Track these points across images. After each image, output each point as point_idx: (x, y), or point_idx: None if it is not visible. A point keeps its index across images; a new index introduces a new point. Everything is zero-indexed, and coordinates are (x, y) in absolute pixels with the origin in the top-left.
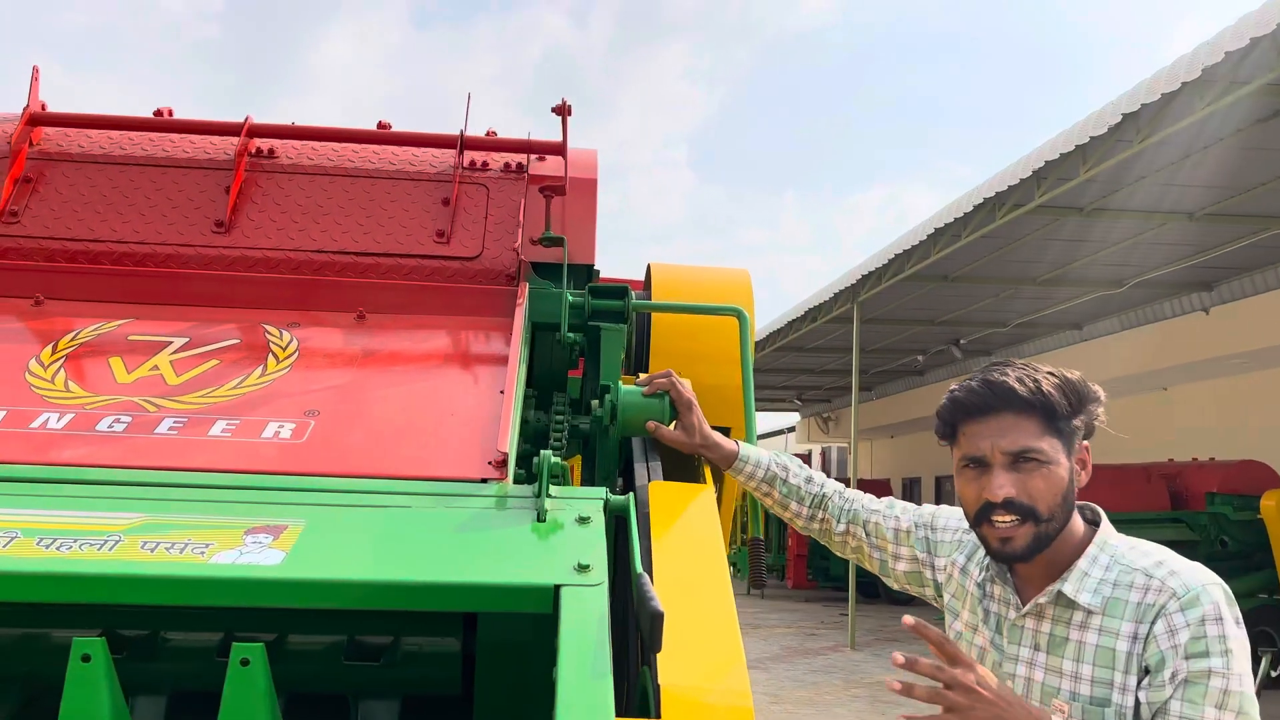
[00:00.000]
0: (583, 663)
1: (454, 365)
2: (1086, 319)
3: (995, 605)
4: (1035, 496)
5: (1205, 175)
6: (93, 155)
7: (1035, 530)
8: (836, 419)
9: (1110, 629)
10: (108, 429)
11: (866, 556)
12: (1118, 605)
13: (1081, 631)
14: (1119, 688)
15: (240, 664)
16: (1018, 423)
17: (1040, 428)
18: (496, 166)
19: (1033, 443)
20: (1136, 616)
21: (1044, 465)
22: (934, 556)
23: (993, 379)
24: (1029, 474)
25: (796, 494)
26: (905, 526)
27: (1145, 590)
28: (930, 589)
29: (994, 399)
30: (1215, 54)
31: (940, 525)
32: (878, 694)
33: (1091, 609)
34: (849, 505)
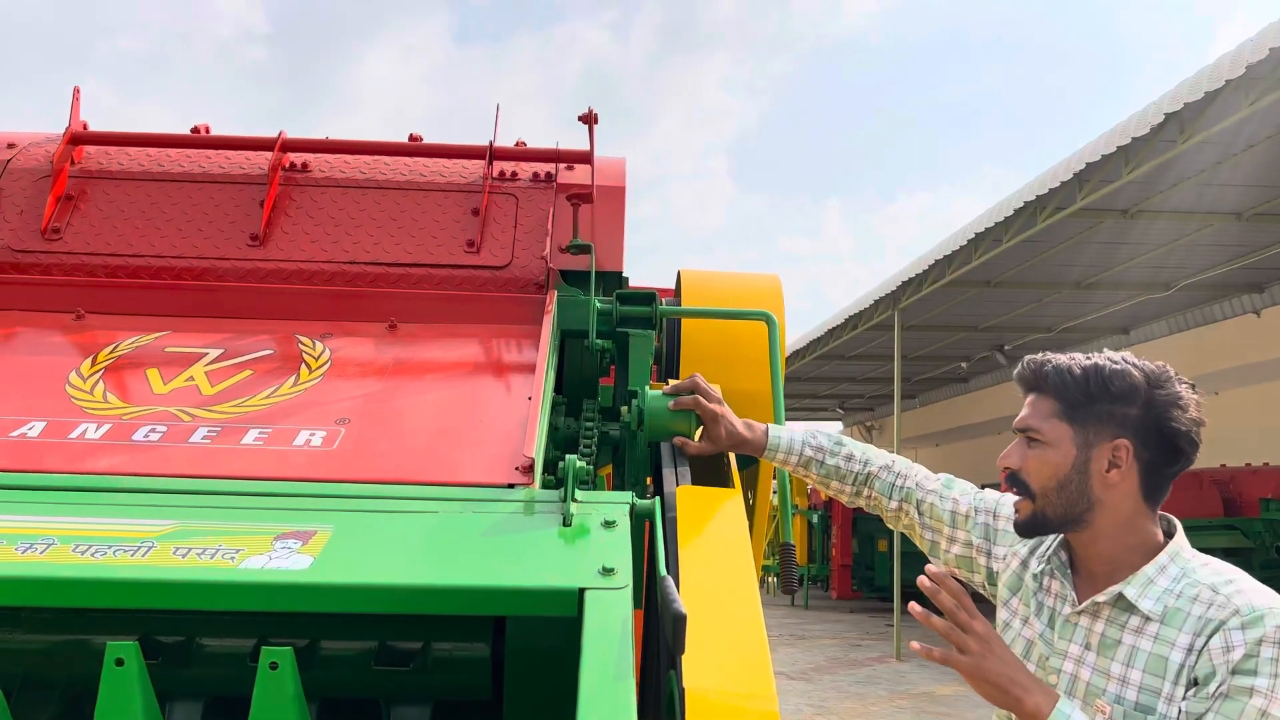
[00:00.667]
0: (605, 665)
1: (483, 373)
2: (1134, 322)
3: (1050, 600)
4: (1029, 473)
5: (1252, 174)
6: (132, 172)
7: (1033, 508)
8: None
9: (1166, 638)
10: (143, 438)
11: (918, 535)
12: (1177, 616)
13: (1136, 636)
14: (1166, 698)
15: (269, 668)
16: (1037, 402)
17: (1053, 411)
18: (525, 176)
19: (1034, 422)
20: (1195, 629)
21: (1039, 445)
22: (992, 544)
23: (1035, 359)
24: (1031, 451)
25: (837, 474)
26: (964, 510)
27: (1209, 605)
28: (980, 575)
29: (1023, 378)
30: (1259, 51)
31: (1005, 514)
32: (923, 705)
33: (1151, 616)
34: (901, 482)
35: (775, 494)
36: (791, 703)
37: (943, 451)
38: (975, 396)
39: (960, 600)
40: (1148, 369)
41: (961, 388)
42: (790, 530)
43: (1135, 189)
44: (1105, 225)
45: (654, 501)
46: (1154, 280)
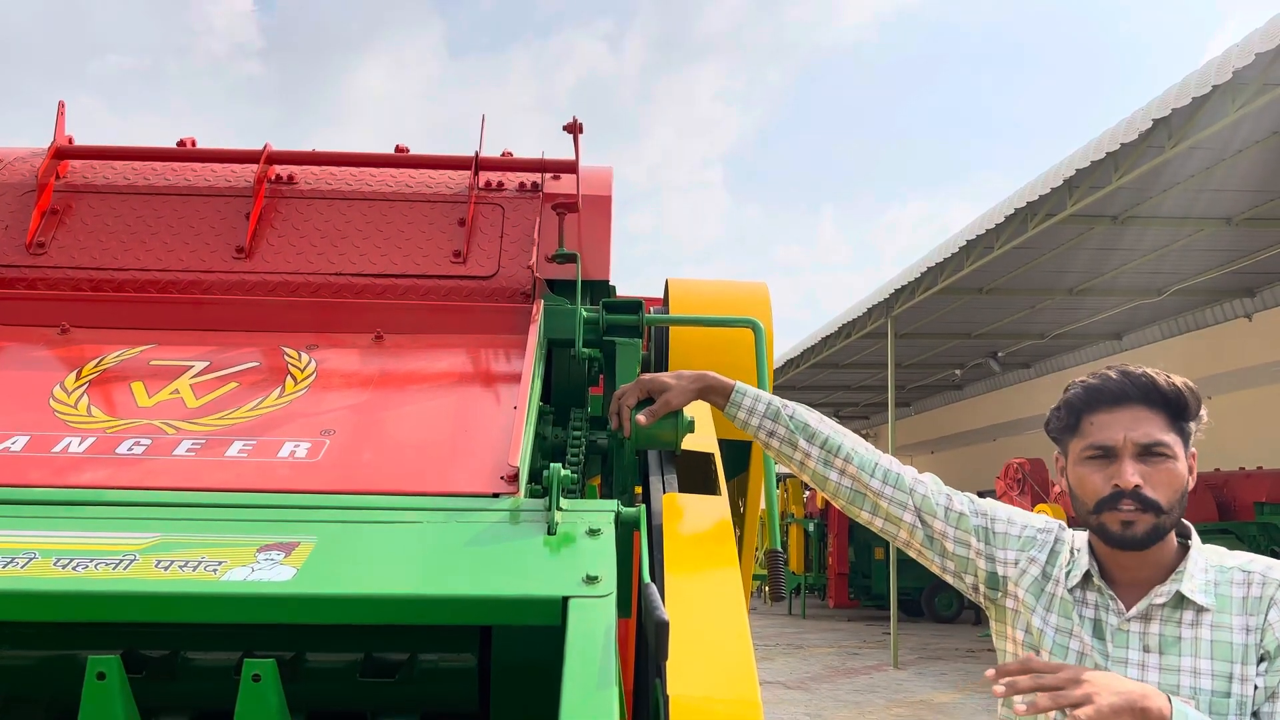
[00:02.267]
0: (588, 673)
1: (469, 383)
2: (1127, 328)
3: (1091, 611)
4: (1159, 489)
5: (1241, 179)
6: (117, 186)
7: (1155, 521)
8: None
9: (1223, 624)
10: (127, 451)
11: (904, 526)
12: (1225, 601)
13: (1194, 629)
14: (1238, 679)
15: (252, 680)
16: (1149, 416)
17: (1166, 423)
18: (511, 186)
19: (1162, 436)
20: (1246, 610)
21: (1169, 460)
22: (993, 548)
23: (1131, 372)
24: (1155, 466)
25: (805, 431)
26: (958, 508)
27: (1247, 585)
28: (973, 578)
29: (1133, 389)
30: (1245, 56)
31: (1002, 518)
32: (921, 713)
33: (1206, 606)
34: (891, 467)
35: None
36: (788, 712)
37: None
38: (969, 403)
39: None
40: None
41: (955, 395)
42: (778, 537)
43: (1126, 195)
44: (1096, 231)
45: (640, 509)
46: (1146, 286)
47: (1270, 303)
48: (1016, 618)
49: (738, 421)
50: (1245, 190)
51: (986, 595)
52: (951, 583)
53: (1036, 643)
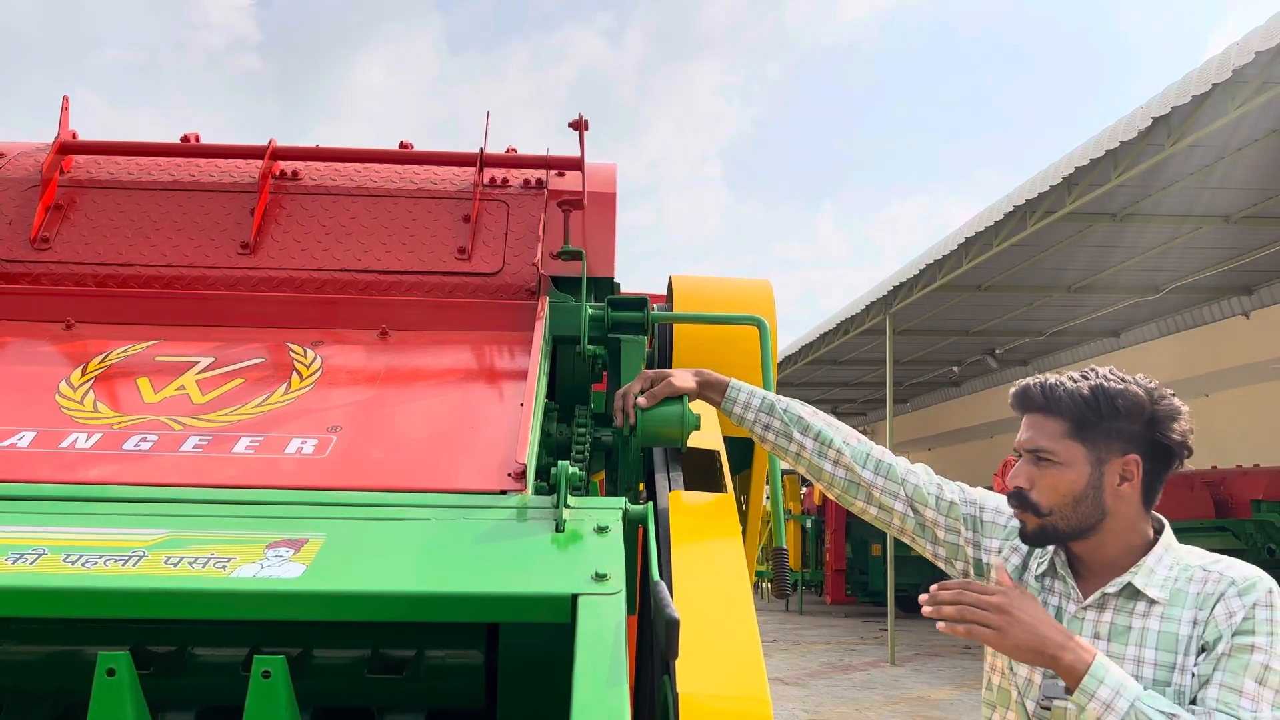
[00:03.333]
0: (598, 670)
1: (475, 380)
2: (1124, 325)
3: (1054, 599)
4: (1041, 492)
5: (1240, 177)
6: (121, 181)
7: (1040, 522)
8: (873, 432)
9: (1173, 616)
10: (134, 448)
11: (897, 514)
12: (1180, 596)
13: (1145, 619)
14: (1179, 669)
15: (261, 676)
16: (1044, 423)
17: (1063, 431)
18: (516, 183)
19: (1047, 443)
20: (1197, 604)
21: (1055, 466)
22: (981, 536)
23: (1031, 383)
24: (1043, 471)
25: (800, 424)
26: (949, 498)
27: (1204, 582)
28: (964, 564)
29: (1022, 400)
30: (1245, 54)
31: (991, 507)
32: (918, 709)
33: (1158, 600)
34: (883, 458)
35: (768, 499)
36: (786, 708)
37: (935, 455)
38: (967, 400)
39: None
40: (1145, 385)
41: (953, 392)
42: (783, 535)
43: (1124, 193)
44: (1095, 229)
45: (647, 507)
46: (1144, 283)
47: (1268, 300)
48: None
49: (733, 417)
50: (1244, 188)
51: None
52: (944, 569)
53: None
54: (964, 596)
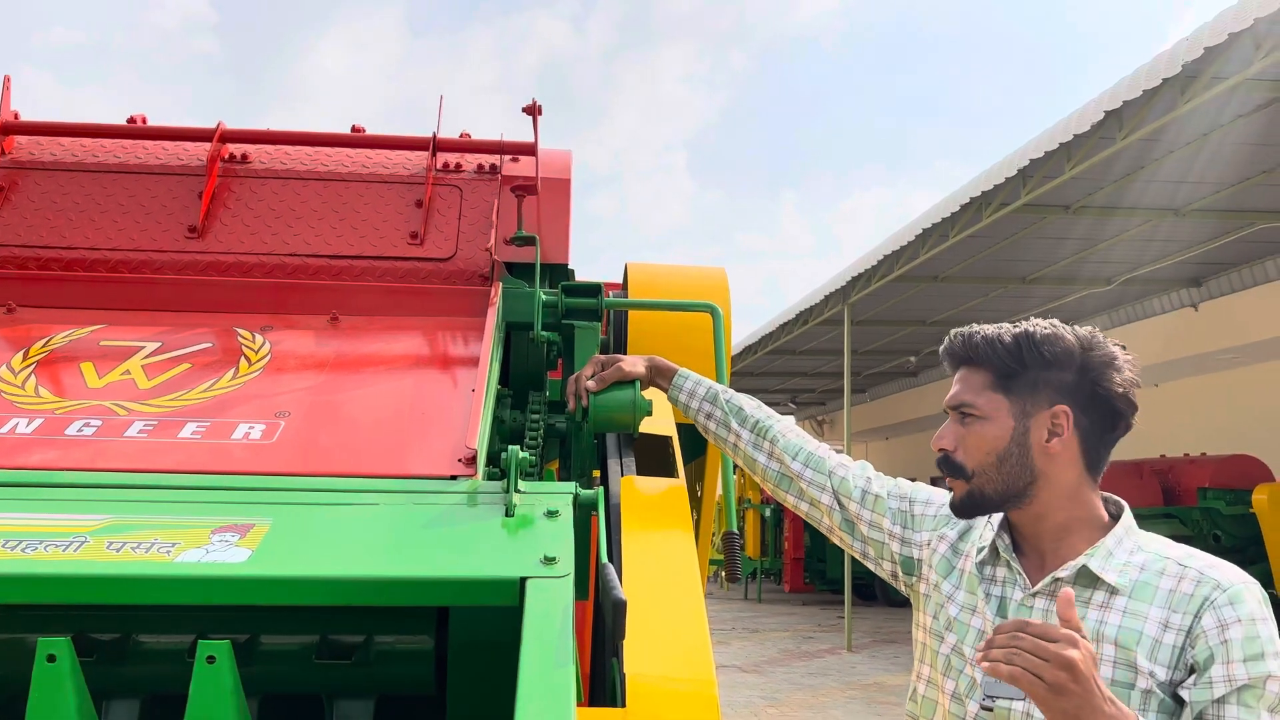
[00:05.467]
0: (545, 653)
1: (426, 366)
2: (1077, 317)
3: (998, 587)
4: (965, 451)
5: (1190, 171)
6: (65, 163)
7: (968, 487)
8: (831, 421)
9: (1137, 611)
10: (77, 433)
11: (823, 508)
12: (1145, 589)
13: (1102, 611)
14: (1144, 673)
15: (206, 661)
16: (968, 376)
17: (986, 383)
18: (469, 168)
19: (968, 397)
20: (1169, 605)
21: (976, 420)
22: (910, 531)
23: (951, 335)
24: (966, 429)
25: (739, 415)
26: (875, 491)
27: (1179, 579)
28: (892, 565)
29: (947, 354)
30: (1195, 49)
31: (921, 499)
32: (873, 694)
33: (1118, 589)
34: (816, 451)
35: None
36: (744, 695)
37: (892, 445)
38: (924, 390)
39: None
40: (1078, 332)
41: (910, 382)
42: (734, 519)
43: (1077, 185)
44: (1049, 221)
45: (598, 491)
46: (1096, 275)
47: (1215, 293)
48: (927, 601)
49: (678, 404)
50: (1193, 182)
51: (904, 581)
52: (873, 569)
53: (941, 628)
54: (1020, 640)
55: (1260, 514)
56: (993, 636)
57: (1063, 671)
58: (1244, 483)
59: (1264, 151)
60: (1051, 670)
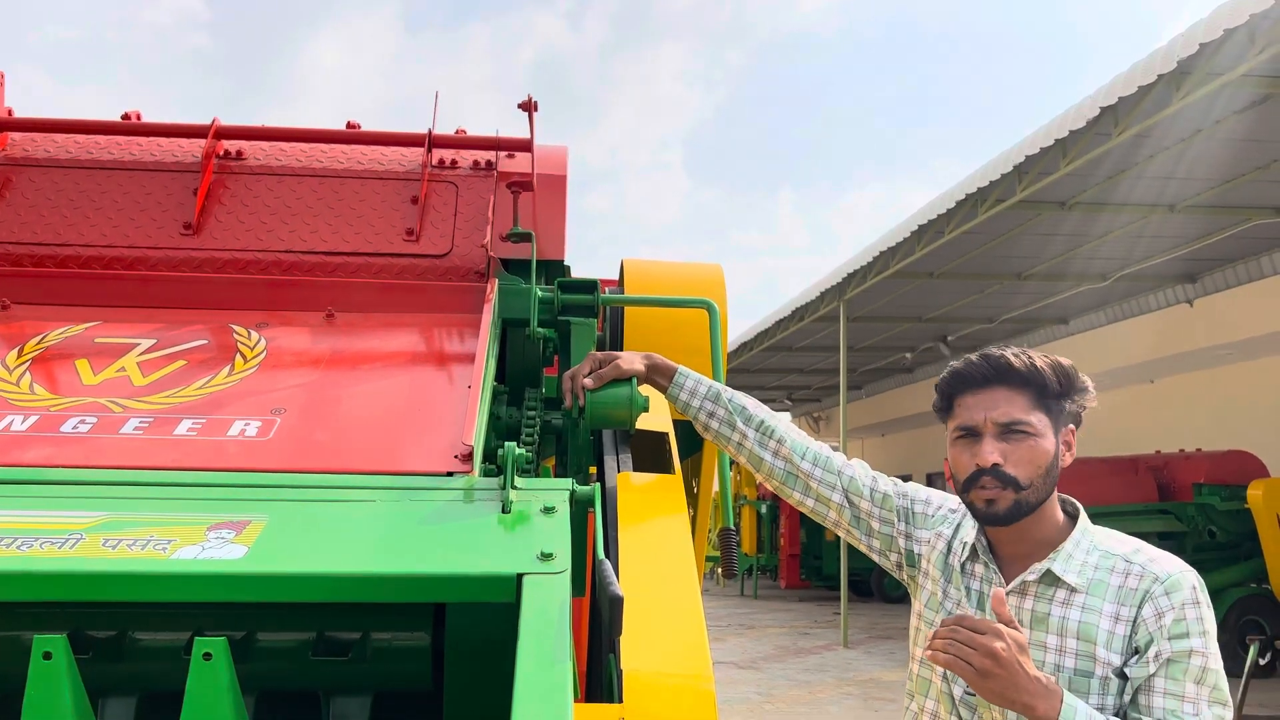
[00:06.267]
0: (542, 649)
1: (422, 362)
2: (1073, 313)
3: (977, 583)
4: (1019, 466)
5: (1185, 167)
6: (59, 160)
7: (1016, 497)
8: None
9: (1093, 607)
10: (72, 430)
11: (834, 506)
12: (1100, 586)
13: (1064, 608)
14: (1101, 662)
15: (203, 658)
16: (1010, 396)
17: (1030, 403)
18: (465, 164)
19: (1021, 415)
20: (1118, 599)
21: (1031, 438)
22: (914, 528)
23: (991, 354)
24: (1016, 444)
25: (743, 414)
26: (883, 489)
27: (1125, 575)
28: (898, 556)
29: (991, 372)
30: (1190, 46)
31: (922, 499)
32: (870, 691)
33: (1076, 587)
34: (822, 452)
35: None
36: (740, 691)
37: (888, 442)
38: (920, 387)
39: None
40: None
41: (906, 378)
42: (730, 515)
43: (1073, 181)
44: (1045, 217)
45: (594, 487)
46: (1091, 271)
47: (1210, 289)
48: (922, 592)
49: (679, 403)
50: (1188, 178)
51: (907, 573)
52: (878, 560)
53: (933, 617)
54: (956, 633)
55: (1255, 509)
56: (938, 629)
57: (988, 659)
58: (1239, 478)
59: (1259, 147)
60: (979, 658)
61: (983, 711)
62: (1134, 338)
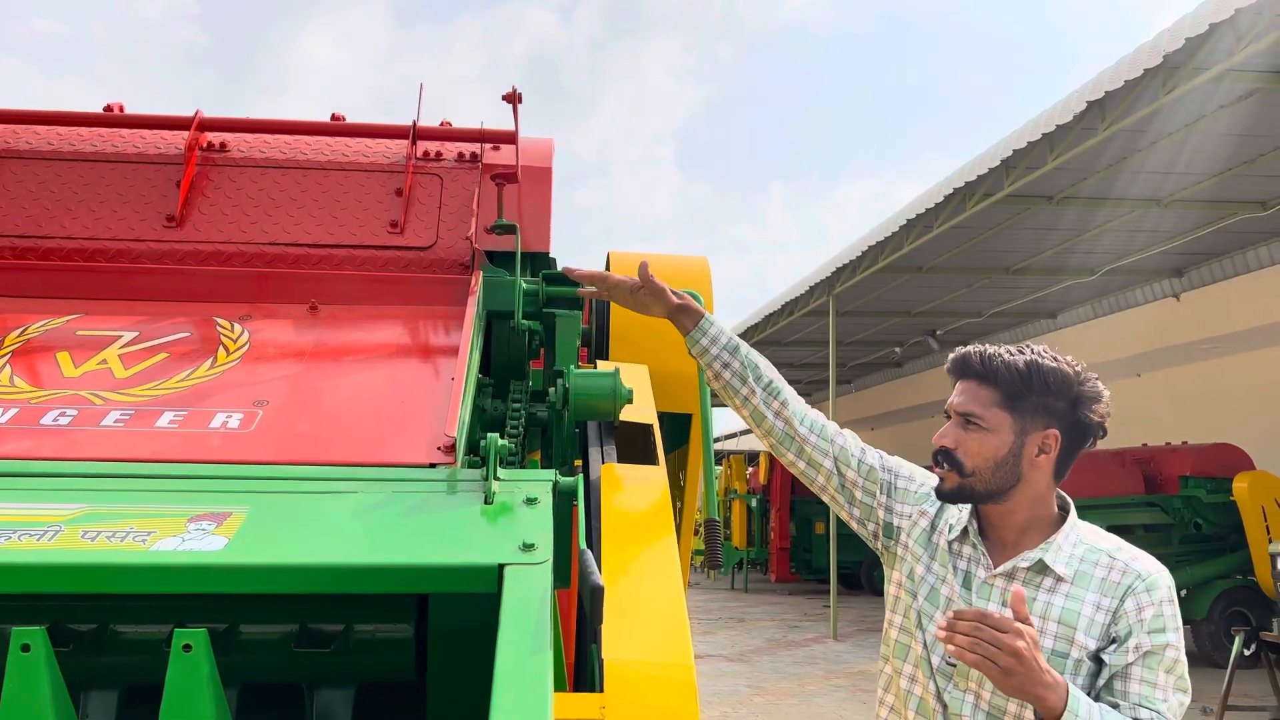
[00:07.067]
0: (522, 639)
1: (406, 354)
2: (1061, 307)
3: (964, 563)
4: (965, 453)
5: (1172, 161)
6: (41, 152)
7: (960, 481)
8: None
9: (1077, 596)
10: (52, 422)
11: (823, 471)
12: (1085, 578)
13: (1050, 594)
14: (1078, 645)
15: (183, 650)
16: (977, 391)
17: (993, 400)
18: (450, 156)
19: (978, 409)
20: (1101, 590)
21: (982, 431)
22: (894, 501)
23: (985, 351)
24: (969, 434)
25: (755, 371)
26: (870, 462)
27: (1109, 569)
28: (874, 526)
29: (969, 366)
30: (1176, 40)
31: (905, 474)
32: (859, 683)
33: (1064, 577)
34: (819, 419)
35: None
36: (730, 684)
37: (877, 435)
38: (909, 381)
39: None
40: (1074, 366)
41: (895, 372)
42: (715, 506)
43: (1061, 176)
44: (1033, 211)
45: (578, 479)
46: (1079, 265)
47: (1197, 283)
48: (902, 564)
49: (697, 347)
50: (1175, 172)
51: (883, 543)
52: (856, 529)
53: (915, 587)
54: (980, 632)
55: (1240, 502)
56: (956, 621)
57: (1011, 658)
58: (1225, 471)
59: (1245, 142)
60: (1004, 657)
61: (959, 679)
62: (1121, 331)
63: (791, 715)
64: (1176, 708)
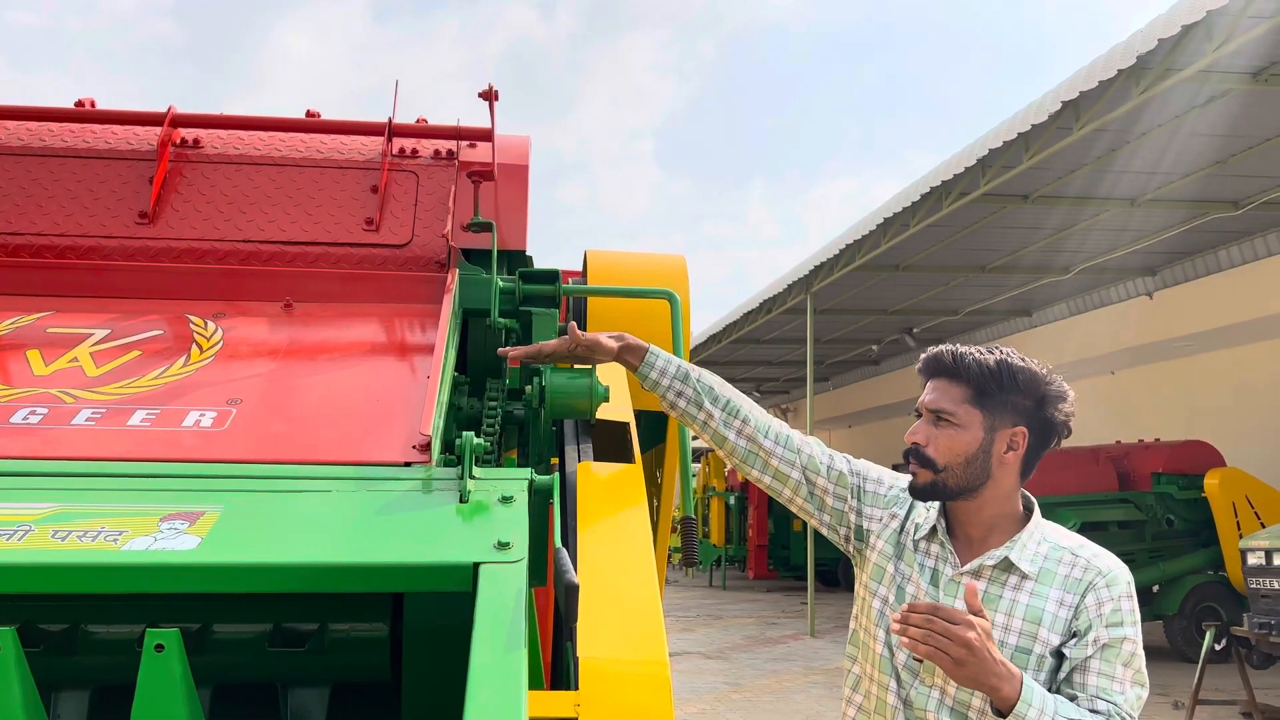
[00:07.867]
0: (497, 637)
1: (381, 352)
2: (1036, 305)
3: (931, 561)
4: (937, 450)
5: (1145, 161)
6: (11, 147)
7: (933, 477)
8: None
9: (1041, 593)
10: (22, 421)
11: (790, 483)
12: (1049, 575)
13: (1015, 592)
14: (1041, 641)
15: (155, 650)
16: (948, 388)
17: (964, 396)
18: (426, 154)
19: (949, 406)
20: (1064, 587)
21: (953, 427)
22: (864, 505)
23: (956, 350)
24: (940, 430)
25: (710, 394)
26: (838, 467)
27: (1072, 566)
28: (846, 530)
29: (932, 365)
30: (1149, 41)
31: (873, 478)
32: (836, 680)
33: (1029, 575)
34: (783, 430)
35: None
36: (707, 681)
37: (855, 433)
38: (886, 379)
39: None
40: (1040, 368)
41: (872, 370)
42: (690, 504)
43: (1035, 175)
44: (1008, 210)
45: (554, 477)
46: (1054, 264)
47: (1170, 281)
48: (869, 565)
49: (648, 382)
50: (1147, 172)
51: (855, 546)
52: (826, 535)
53: (877, 586)
54: (933, 624)
55: (1211, 498)
56: (910, 615)
57: (963, 649)
58: (1196, 468)
59: (1218, 142)
60: (955, 648)
61: (925, 675)
62: (1095, 330)
63: (769, 712)
64: (1134, 700)
